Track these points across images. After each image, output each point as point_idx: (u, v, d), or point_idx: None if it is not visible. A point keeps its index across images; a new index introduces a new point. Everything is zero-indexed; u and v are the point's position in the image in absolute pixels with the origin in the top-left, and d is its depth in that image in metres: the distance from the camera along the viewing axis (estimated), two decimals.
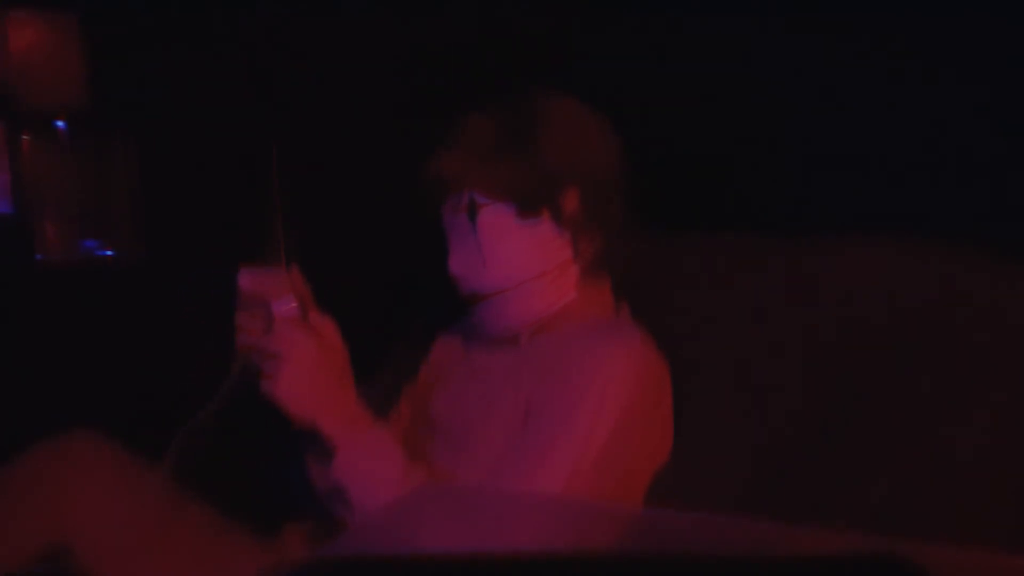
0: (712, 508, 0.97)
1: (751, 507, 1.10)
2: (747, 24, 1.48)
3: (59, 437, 1.27)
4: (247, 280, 1.16)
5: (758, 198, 1.49)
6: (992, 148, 1.29)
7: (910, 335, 1.14)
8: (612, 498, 1.17)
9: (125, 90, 1.94)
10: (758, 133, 1.49)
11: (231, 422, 1.21)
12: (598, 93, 1.29)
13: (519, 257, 1.25)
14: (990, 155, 1.29)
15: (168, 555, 1.24)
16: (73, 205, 1.99)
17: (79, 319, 1.92)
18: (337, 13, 1.83)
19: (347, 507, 1.16)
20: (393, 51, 1.83)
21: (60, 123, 1.96)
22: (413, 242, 1.41)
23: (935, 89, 1.33)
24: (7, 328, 1.87)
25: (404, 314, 1.54)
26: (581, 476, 1.14)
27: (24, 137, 1.94)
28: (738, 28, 1.50)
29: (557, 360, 1.22)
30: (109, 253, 2.01)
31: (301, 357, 1.12)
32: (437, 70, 1.76)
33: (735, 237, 1.36)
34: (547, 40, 1.67)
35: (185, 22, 1.89)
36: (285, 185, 1.18)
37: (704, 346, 1.29)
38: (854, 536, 0.85)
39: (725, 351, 1.27)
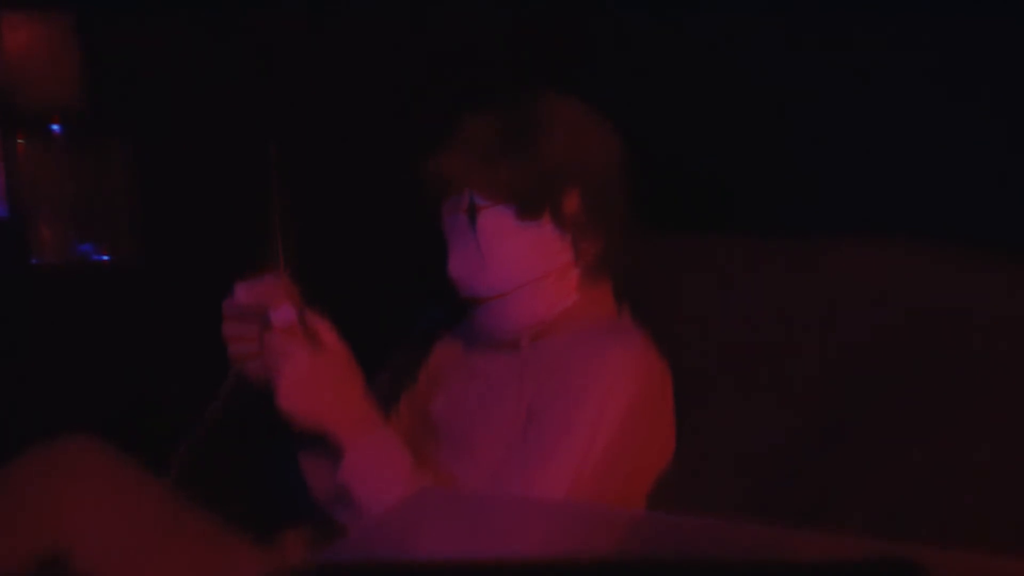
0: (715, 512, 0.97)
1: (754, 510, 1.10)
2: (751, 25, 1.48)
3: (55, 441, 1.26)
4: (244, 294, 1.16)
5: (762, 199, 1.49)
6: (997, 149, 1.29)
7: (914, 337, 1.14)
8: (614, 502, 1.16)
9: (121, 92, 1.93)
10: (762, 134, 1.49)
11: (228, 429, 1.21)
12: (600, 94, 1.28)
13: (519, 260, 1.24)
14: (994, 156, 1.29)
15: (166, 560, 1.23)
16: (69, 208, 1.98)
17: (75, 323, 1.91)
18: (337, 13, 1.83)
19: (352, 510, 1.16)
20: (393, 51, 1.83)
21: (56, 126, 1.96)
22: (413, 244, 1.40)
23: (938, 90, 1.33)
24: (3, 332, 1.86)
25: (404, 316, 1.53)
26: (583, 480, 1.14)
27: (19, 140, 1.93)
28: (742, 29, 1.49)
29: (558, 364, 1.21)
30: (105, 257, 2.00)
31: (296, 368, 1.12)
32: (438, 70, 1.76)
33: (738, 239, 1.36)
34: (548, 40, 1.67)
35: (182, 23, 1.88)
36: (284, 187, 1.18)
37: (706, 349, 1.29)
38: (858, 539, 0.85)
39: (727, 354, 1.27)
